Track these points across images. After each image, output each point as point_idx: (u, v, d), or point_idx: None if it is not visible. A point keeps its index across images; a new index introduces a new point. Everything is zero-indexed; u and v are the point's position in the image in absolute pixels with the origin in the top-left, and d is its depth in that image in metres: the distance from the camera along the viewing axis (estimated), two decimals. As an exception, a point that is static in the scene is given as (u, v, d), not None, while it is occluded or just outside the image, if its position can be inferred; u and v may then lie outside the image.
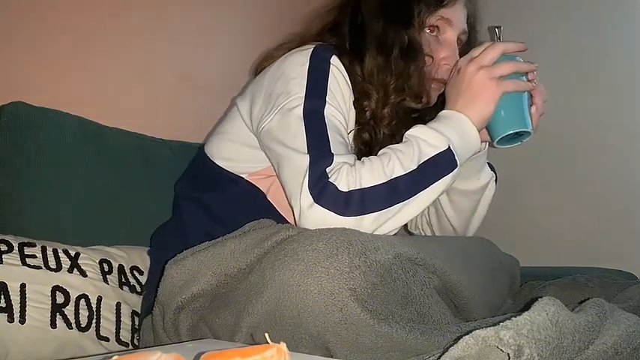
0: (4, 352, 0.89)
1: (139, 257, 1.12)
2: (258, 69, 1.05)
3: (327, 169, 0.81)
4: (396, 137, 0.95)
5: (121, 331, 1.02)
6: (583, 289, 0.96)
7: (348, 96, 0.95)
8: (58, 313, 0.95)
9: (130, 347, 1.03)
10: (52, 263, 0.98)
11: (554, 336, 0.56)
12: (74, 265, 1.01)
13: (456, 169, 0.85)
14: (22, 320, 0.91)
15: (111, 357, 0.48)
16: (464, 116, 0.88)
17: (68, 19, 1.29)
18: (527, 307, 0.59)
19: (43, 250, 0.99)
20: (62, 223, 1.10)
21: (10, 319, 0.90)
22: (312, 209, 0.79)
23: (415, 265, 0.72)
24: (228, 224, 0.88)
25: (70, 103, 1.20)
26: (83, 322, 0.97)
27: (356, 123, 0.96)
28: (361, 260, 0.67)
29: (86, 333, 0.97)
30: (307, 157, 0.83)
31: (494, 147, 0.96)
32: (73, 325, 0.96)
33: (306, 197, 0.80)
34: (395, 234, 0.85)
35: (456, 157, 0.85)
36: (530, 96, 0.92)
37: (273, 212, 0.95)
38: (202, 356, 0.49)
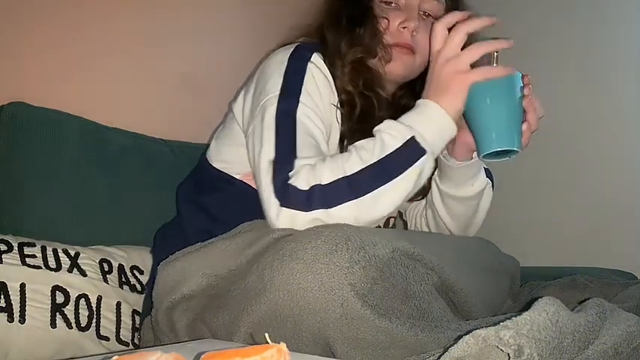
0: (4, 352, 0.89)
1: (139, 257, 1.12)
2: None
3: (290, 174, 0.83)
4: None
5: (121, 330, 1.02)
6: (583, 289, 0.96)
7: (328, 94, 0.96)
8: (58, 313, 0.95)
9: (131, 347, 1.03)
10: (52, 263, 0.98)
11: (554, 336, 0.56)
12: (74, 264, 1.01)
13: (423, 157, 0.83)
14: (22, 320, 0.91)
15: (111, 357, 0.48)
16: (433, 103, 0.87)
17: (68, 19, 1.29)
18: (527, 307, 0.59)
19: (43, 249, 0.99)
20: (62, 223, 1.10)
21: (10, 319, 0.90)
22: (280, 215, 0.81)
23: (414, 260, 0.73)
24: (225, 224, 0.89)
25: (70, 103, 1.20)
26: (83, 322, 0.97)
27: (343, 117, 0.98)
28: (360, 255, 0.67)
29: (86, 333, 0.97)
30: (272, 166, 0.85)
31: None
32: (73, 325, 0.96)
33: (274, 206, 0.82)
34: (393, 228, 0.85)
35: (423, 145, 0.83)
36: (524, 111, 0.90)
37: None
38: (202, 356, 0.49)
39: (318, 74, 0.95)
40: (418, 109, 0.88)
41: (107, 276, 1.04)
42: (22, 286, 0.93)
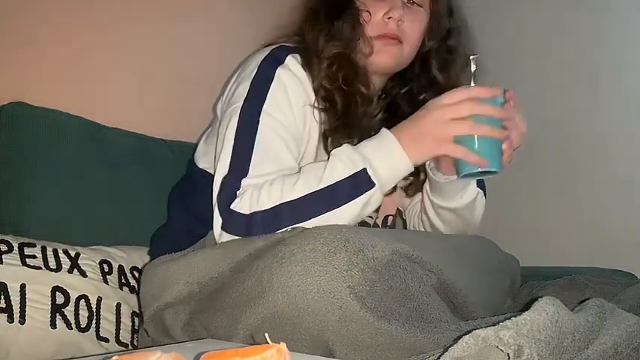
0: (4, 352, 0.89)
1: (139, 257, 1.12)
2: None
3: (237, 193, 0.85)
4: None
5: (120, 331, 1.02)
6: (583, 289, 0.96)
7: (301, 97, 0.95)
8: (57, 314, 0.95)
9: (130, 348, 1.03)
10: (52, 263, 0.98)
11: (554, 336, 0.56)
12: (74, 265, 1.01)
13: (371, 190, 0.83)
14: (22, 320, 0.91)
15: (111, 357, 0.48)
16: (393, 138, 0.86)
17: (68, 19, 1.29)
18: (527, 307, 0.59)
19: (43, 250, 0.99)
20: (62, 223, 1.10)
21: (10, 320, 0.90)
22: (221, 237, 0.84)
23: (412, 262, 0.72)
24: (210, 223, 0.90)
25: (70, 103, 1.20)
26: (83, 323, 0.97)
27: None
28: (359, 258, 0.67)
29: (86, 334, 0.97)
30: (222, 184, 0.87)
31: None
32: (73, 326, 0.96)
33: (217, 227, 0.85)
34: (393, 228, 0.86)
35: (374, 179, 0.83)
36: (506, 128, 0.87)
37: None
38: (202, 356, 0.49)
39: (288, 79, 0.94)
40: (380, 140, 0.87)
41: (107, 277, 1.04)
42: (23, 286, 0.93)
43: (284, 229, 0.81)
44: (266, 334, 0.51)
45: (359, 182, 0.83)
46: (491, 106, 0.84)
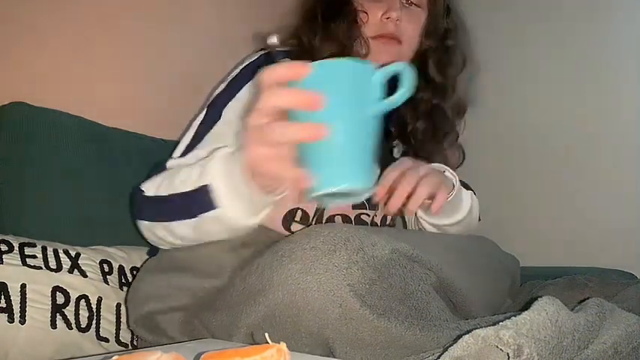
0: (4, 352, 0.89)
1: (139, 258, 1.12)
2: None
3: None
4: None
5: (120, 331, 1.02)
6: (583, 289, 0.96)
7: None
8: (58, 314, 0.95)
9: (130, 348, 1.03)
10: (53, 263, 0.98)
11: (554, 335, 0.56)
12: (74, 265, 1.01)
13: (209, 213, 0.74)
14: (23, 321, 0.91)
15: (111, 357, 0.48)
16: (227, 155, 0.74)
17: (68, 20, 1.29)
18: (526, 307, 0.59)
19: (44, 250, 0.99)
20: (62, 223, 1.10)
21: (10, 320, 0.90)
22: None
23: (412, 261, 0.73)
24: None
25: (70, 103, 1.20)
26: (83, 323, 0.97)
27: None
28: (359, 256, 0.67)
29: (86, 334, 0.97)
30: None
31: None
32: (73, 326, 0.96)
33: None
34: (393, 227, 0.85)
35: (214, 199, 0.74)
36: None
37: None
38: (202, 356, 0.49)
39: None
40: (220, 155, 0.75)
41: (107, 277, 1.04)
42: (23, 286, 0.93)
43: (140, 221, 0.85)
44: (266, 334, 0.51)
45: (199, 200, 0.75)
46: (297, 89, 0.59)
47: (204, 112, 0.96)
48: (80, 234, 1.10)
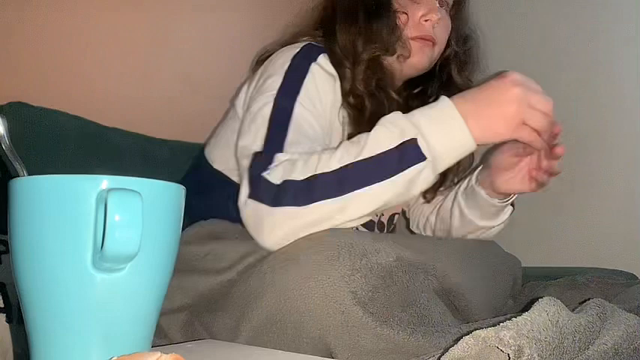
0: (3, 352, 0.89)
1: (138, 257, 1.12)
2: (257, 63, 1.05)
3: (269, 166, 0.78)
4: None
5: (120, 331, 1.02)
6: (583, 290, 0.95)
7: (331, 98, 0.92)
8: (57, 314, 0.95)
9: (130, 347, 1.03)
10: (52, 263, 0.98)
11: (555, 336, 0.56)
12: (74, 265, 1.00)
13: (419, 164, 0.72)
14: (22, 320, 0.91)
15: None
16: (454, 108, 0.75)
17: (68, 20, 1.29)
18: (527, 308, 0.59)
19: (43, 250, 0.99)
20: (62, 223, 1.10)
21: (9, 319, 0.90)
22: (246, 205, 0.78)
23: (415, 267, 0.72)
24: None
25: (70, 103, 1.19)
26: (83, 323, 0.97)
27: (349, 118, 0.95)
28: (362, 263, 0.67)
29: (86, 333, 0.97)
30: (255, 158, 0.81)
31: None
32: (73, 326, 0.96)
33: (244, 195, 0.79)
34: (394, 232, 0.85)
35: (425, 152, 0.73)
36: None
37: None
38: None
39: (321, 76, 0.91)
40: (437, 108, 0.76)
41: (107, 276, 1.04)
42: (22, 286, 0.93)
43: (312, 204, 0.73)
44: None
45: (405, 154, 0.72)
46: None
47: (268, 105, 0.87)
48: (80, 234, 1.09)
